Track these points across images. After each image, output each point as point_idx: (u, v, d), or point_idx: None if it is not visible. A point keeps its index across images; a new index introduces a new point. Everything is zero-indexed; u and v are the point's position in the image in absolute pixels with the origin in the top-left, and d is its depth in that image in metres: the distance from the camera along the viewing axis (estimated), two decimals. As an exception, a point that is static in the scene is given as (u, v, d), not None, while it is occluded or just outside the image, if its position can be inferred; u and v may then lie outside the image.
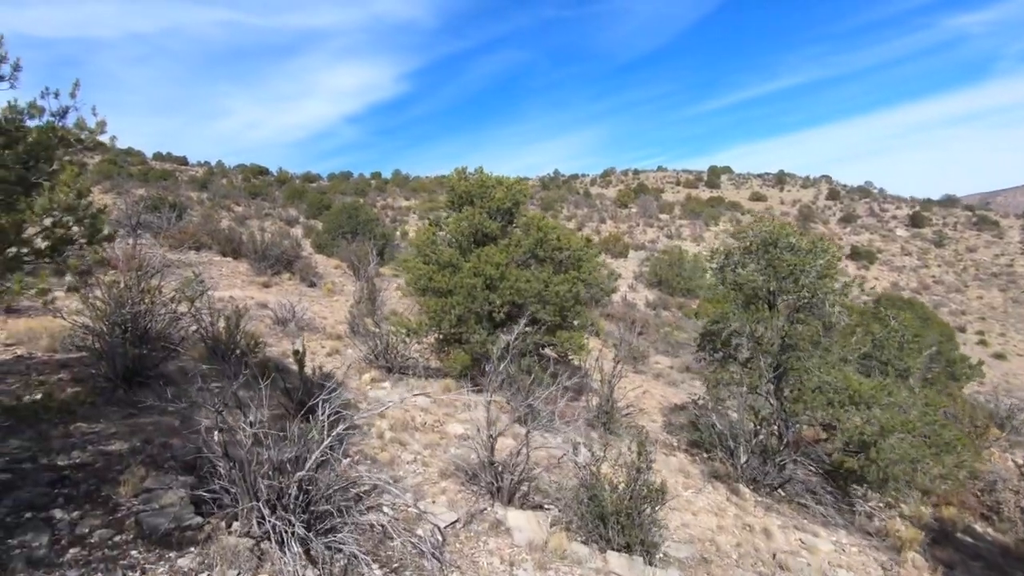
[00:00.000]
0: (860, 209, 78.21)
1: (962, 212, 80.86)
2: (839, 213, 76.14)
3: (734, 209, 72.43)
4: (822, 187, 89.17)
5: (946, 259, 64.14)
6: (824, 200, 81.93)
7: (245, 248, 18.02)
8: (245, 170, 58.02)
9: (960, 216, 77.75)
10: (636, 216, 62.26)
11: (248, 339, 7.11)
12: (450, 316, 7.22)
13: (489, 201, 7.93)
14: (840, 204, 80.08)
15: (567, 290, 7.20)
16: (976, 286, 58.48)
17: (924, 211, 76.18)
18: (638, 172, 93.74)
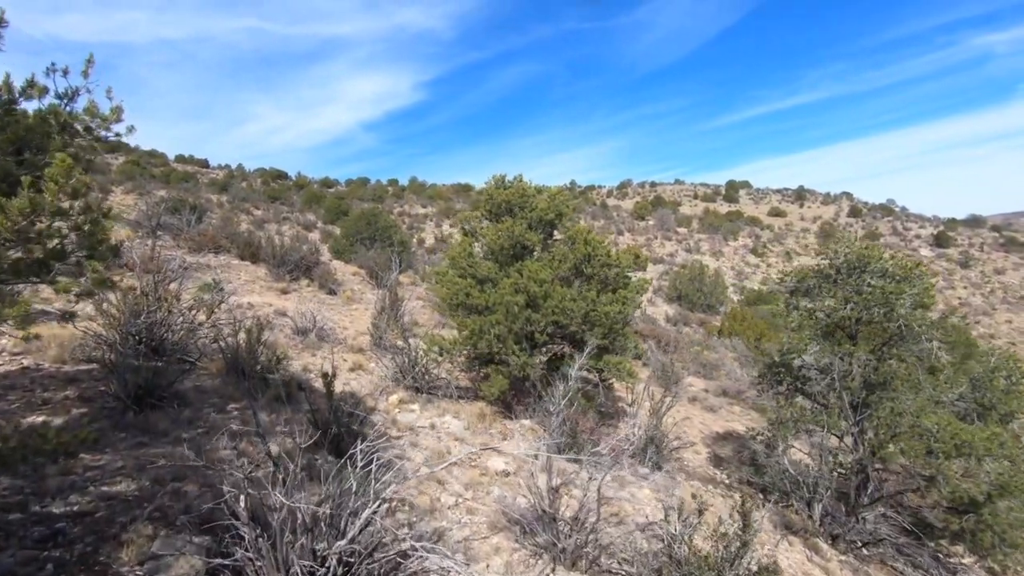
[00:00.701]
0: (883, 227, 76.80)
1: (988, 233, 79.13)
2: (861, 231, 74.82)
3: (753, 224, 71.45)
4: (843, 204, 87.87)
5: (972, 281, 62.54)
6: (845, 217, 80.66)
7: (264, 253, 17.59)
8: (264, 174, 58.14)
9: (986, 237, 76.04)
10: (654, 229, 61.51)
11: (270, 354, 6.54)
12: (488, 336, 6.62)
13: (530, 212, 7.34)
14: (862, 222, 78.78)
15: (617, 311, 6.59)
16: (1004, 309, 56.90)
17: (949, 231, 74.65)
18: (655, 184, 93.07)
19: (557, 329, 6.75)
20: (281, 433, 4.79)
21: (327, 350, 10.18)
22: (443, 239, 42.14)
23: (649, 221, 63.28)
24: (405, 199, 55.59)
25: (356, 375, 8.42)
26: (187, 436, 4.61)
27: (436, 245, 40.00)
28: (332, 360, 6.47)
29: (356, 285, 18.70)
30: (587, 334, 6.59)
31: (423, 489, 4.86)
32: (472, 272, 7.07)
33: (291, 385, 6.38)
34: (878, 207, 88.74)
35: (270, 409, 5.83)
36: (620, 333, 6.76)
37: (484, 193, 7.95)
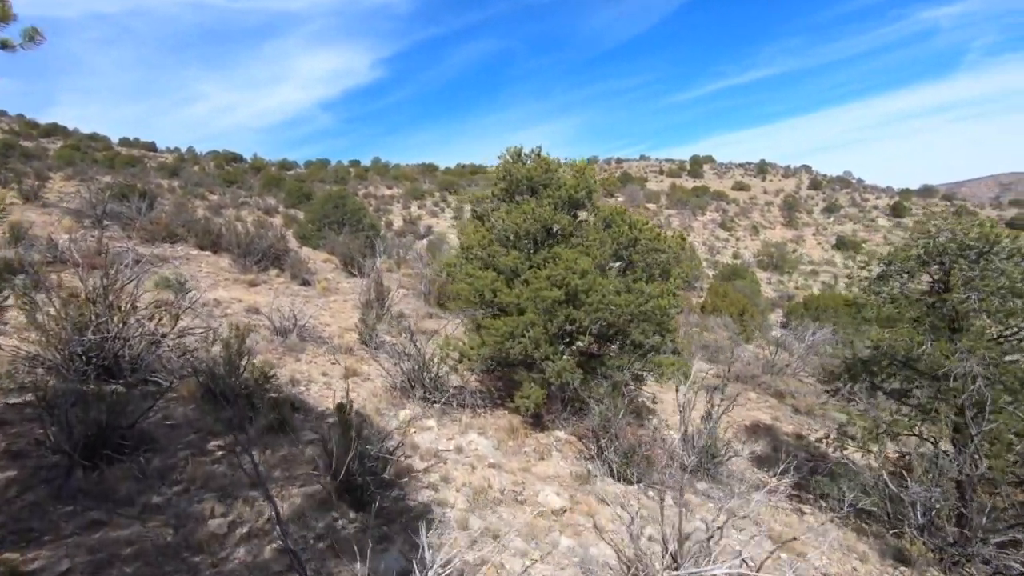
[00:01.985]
0: (842, 199, 78.31)
1: (940, 202, 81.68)
2: (822, 203, 76.18)
3: (719, 199, 71.84)
4: (803, 177, 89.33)
5: (928, 249, 64.08)
6: (806, 190, 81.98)
7: (226, 241, 15.98)
8: (217, 156, 54.87)
9: (939, 206, 78.39)
10: (623, 205, 61.04)
11: (255, 370, 5.33)
12: (524, 340, 5.56)
13: (556, 189, 6.25)
14: (822, 194, 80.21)
15: (669, 304, 5.61)
16: (959, 276, 58.38)
17: (904, 201, 76.70)
18: (621, 161, 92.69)
19: (601, 328, 5.74)
20: (284, 480, 3.66)
21: (311, 352, 8.94)
22: (412, 221, 40.55)
23: (619, 198, 62.76)
24: (369, 180, 53.38)
25: (353, 384, 7.23)
26: (159, 500, 3.42)
27: (405, 227, 38.42)
28: (347, 392, 5.29)
29: (330, 273, 17.27)
30: (636, 332, 5.61)
31: (478, 547, 3.79)
32: (493, 263, 5.96)
33: (283, 407, 5.19)
34: (836, 179, 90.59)
35: (262, 443, 4.66)
36: (669, 329, 5.81)
37: (498, 170, 6.80)
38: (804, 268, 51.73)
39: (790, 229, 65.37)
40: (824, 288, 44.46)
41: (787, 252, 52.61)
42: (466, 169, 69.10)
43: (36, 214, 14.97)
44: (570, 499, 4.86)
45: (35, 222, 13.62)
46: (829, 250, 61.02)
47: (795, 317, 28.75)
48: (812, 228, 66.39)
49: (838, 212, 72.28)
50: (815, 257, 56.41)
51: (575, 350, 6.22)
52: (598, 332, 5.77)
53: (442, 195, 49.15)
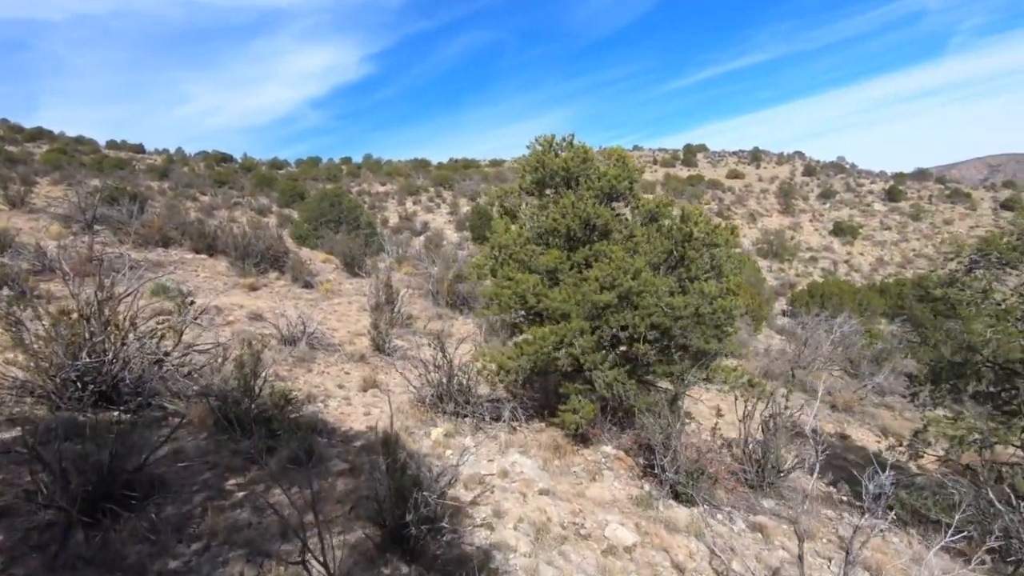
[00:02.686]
0: (837, 185, 78.08)
1: (934, 185, 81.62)
2: (817, 189, 75.97)
3: (714, 187, 71.45)
4: (797, 163, 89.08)
5: (924, 233, 64.21)
6: (801, 176, 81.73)
7: (222, 243, 15.33)
8: (207, 157, 53.80)
9: (933, 189, 78.35)
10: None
11: (274, 392, 4.73)
12: (574, 348, 4.98)
13: (597, 180, 5.67)
14: (817, 180, 79.99)
15: (732, 305, 5.04)
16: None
17: (898, 185, 76.60)
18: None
19: (657, 334, 5.17)
20: (321, 526, 3.09)
21: (323, 361, 8.35)
22: (408, 217, 39.84)
23: (615, 189, 62.09)
24: (362, 177, 52.49)
25: (374, 397, 6.66)
26: (177, 566, 2.84)
27: (401, 224, 37.71)
28: (391, 422, 4.73)
29: (331, 274, 16.63)
30: (695, 337, 5.05)
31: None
32: (531, 264, 5.36)
33: (306, 433, 4.60)
34: (830, 165, 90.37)
35: (286, 478, 4.07)
36: (727, 332, 5.25)
37: (528, 160, 6.20)
38: (803, 255, 51.51)
39: (787, 216, 65.11)
40: (825, 274, 44.17)
41: (785, 239, 52.34)
42: (459, 164, 68.33)
43: (23, 220, 14.24)
44: (636, 528, 4.32)
45: (22, 229, 12.91)
46: (827, 236, 60.83)
47: (800, 305, 28.32)
48: (809, 215, 66.18)
49: (834, 198, 72.08)
50: (813, 243, 56.19)
51: (619, 357, 5.65)
52: (653, 338, 5.20)
53: (436, 191, 48.41)
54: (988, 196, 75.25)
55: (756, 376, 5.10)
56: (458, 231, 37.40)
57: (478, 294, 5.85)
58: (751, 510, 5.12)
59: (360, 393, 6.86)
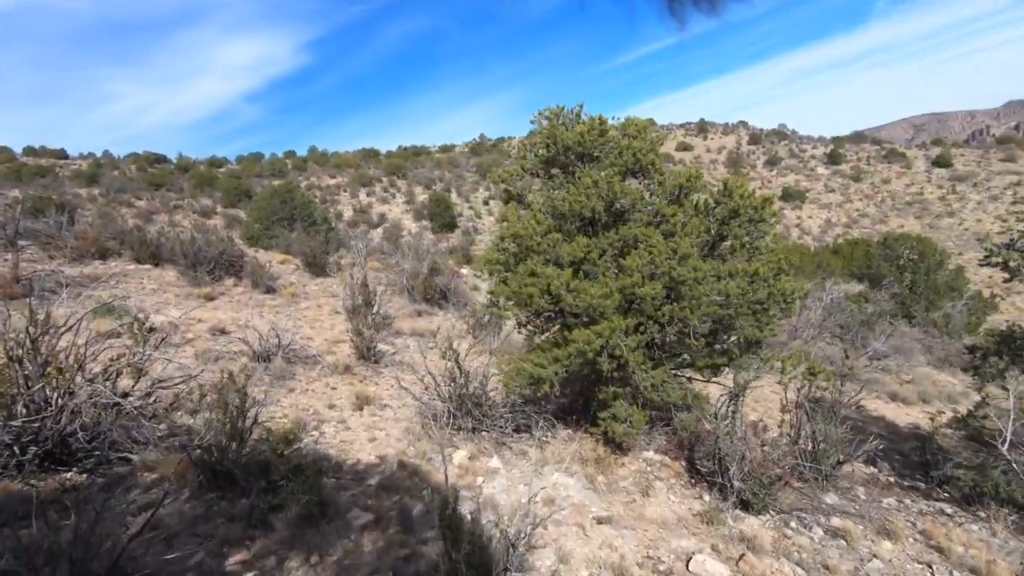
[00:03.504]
0: (781, 151, 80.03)
1: (871, 147, 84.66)
2: (763, 157, 77.68)
3: (667, 160, 72.10)
4: (742, 133, 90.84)
5: (865, 193, 66.56)
6: (747, 145, 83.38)
7: (167, 251, 13.98)
8: (139, 159, 50.34)
9: (870, 151, 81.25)
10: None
11: (274, 435, 3.88)
12: (620, 351, 4.28)
13: (619, 156, 4.95)
14: (762, 148, 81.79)
15: (791, 288, 4.44)
16: (895, 215, 60.94)
17: (839, 148, 79.11)
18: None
19: (710, 326, 4.55)
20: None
21: (303, 377, 7.45)
22: (363, 209, 38.34)
23: (569, 168, 61.72)
24: (309, 171, 50.28)
25: (373, 417, 5.85)
26: None
27: (357, 217, 36.26)
28: (447, 481, 3.94)
29: (292, 276, 15.46)
30: (747, 325, 4.45)
31: None
32: (554, 256, 4.60)
33: (312, 477, 3.79)
34: (773, 132, 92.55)
35: (301, 544, 3.27)
36: (772, 319, 4.67)
37: (537, 136, 5.43)
38: (758, 222, 52.24)
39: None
40: (778, 240, 45.08)
41: (741, 208, 52.99)
42: (409, 151, 66.55)
43: (-70, 241, 12.54)
44: (718, 554, 3.72)
45: (-73, 252, 11.33)
46: (776, 202, 62.26)
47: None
48: (758, 182, 67.60)
49: (779, 164, 73.88)
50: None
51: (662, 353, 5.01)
52: (704, 332, 4.59)
53: (390, 180, 46.84)
54: (921, 155, 78.46)
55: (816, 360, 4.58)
56: (416, 221, 36.22)
57: (497, 293, 5.05)
58: (818, 510, 4.62)
59: (356, 413, 6.04)
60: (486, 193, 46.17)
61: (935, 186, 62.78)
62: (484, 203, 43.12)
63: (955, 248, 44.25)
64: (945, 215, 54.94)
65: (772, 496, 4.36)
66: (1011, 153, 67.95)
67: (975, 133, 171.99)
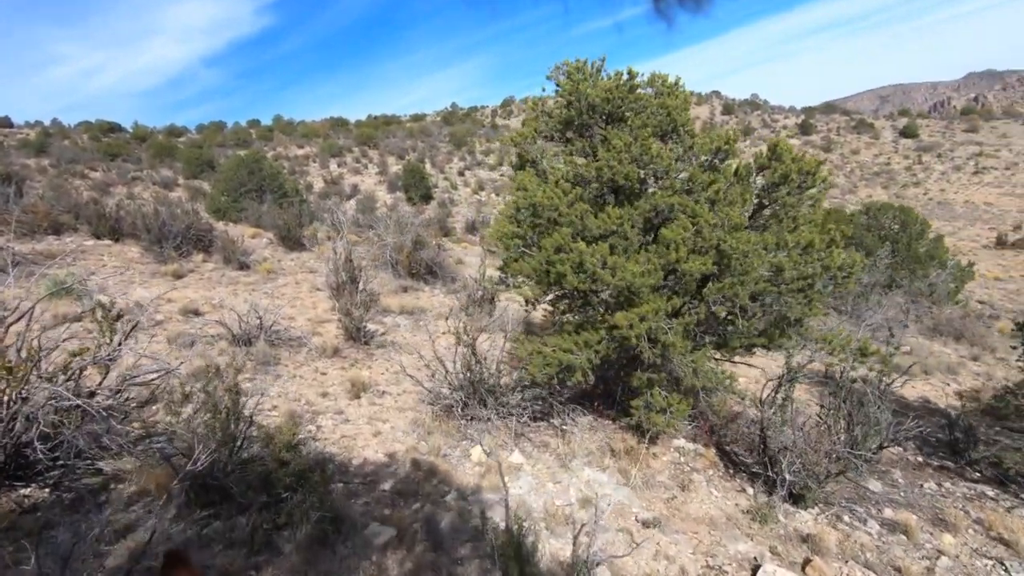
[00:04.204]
0: (754, 121, 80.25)
1: (841, 117, 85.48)
2: (737, 127, 77.68)
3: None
4: (715, 103, 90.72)
5: (835, 163, 67.27)
6: (720, 115, 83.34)
7: (129, 225, 13.01)
8: (91, 128, 47.48)
9: (840, 121, 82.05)
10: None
11: (277, 442, 3.33)
12: (667, 335, 3.79)
13: (652, 115, 4.39)
14: (735, 118, 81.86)
15: (845, 261, 3.99)
16: (864, 185, 61.83)
17: (809, 119, 79.67)
18: (539, 99, 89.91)
19: (759, 304, 4.09)
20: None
21: (289, 362, 6.86)
22: (334, 181, 36.98)
23: (544, 138, 60.66)
24: (275, 140, 48.23)
25: (373, 407, 5.31)
26: None
27: (328, 188, 34.96)
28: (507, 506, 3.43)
29: (266, 251, 14.60)
30: (796, 303, 4.02)
31: None
32: (584, 227, 4.04)
33: (321, 488, 3.26)
34: (746, 102, 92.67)
35: (316, 572, 2.76)
36: (819, 296, 4.22)
37: (561, 94, 4.82)
38: (733, 193, 52.50)
39: (712, 155, 66.20)
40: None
41: (716, 178, 53.10)
42: (379, 120, 64.54)
43: None
44: (780, 559, 3.35)
45: None
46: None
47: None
48: (733, 152, 67.46)
49: (752, 135, 74.02)
50: (741, 181, 57.37)
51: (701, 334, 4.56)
52: (754, 311, 4.14)
53: (362, 150, 45.29)
54: (888, 125, 79.57)
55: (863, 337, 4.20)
56: (391, 192, 35.10)
57: (512, 270, 4.50)
58: (866, 500, 4.31)
59: (353, 402, 5.50)
60: (461, 164, 45.07)
61: (902, 156, 63.84)
62: (459, 174, 42.08)
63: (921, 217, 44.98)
64: (911, 184, 55.89)
65: (824, 488, 4.02)
66: (973, 124, 69.35)
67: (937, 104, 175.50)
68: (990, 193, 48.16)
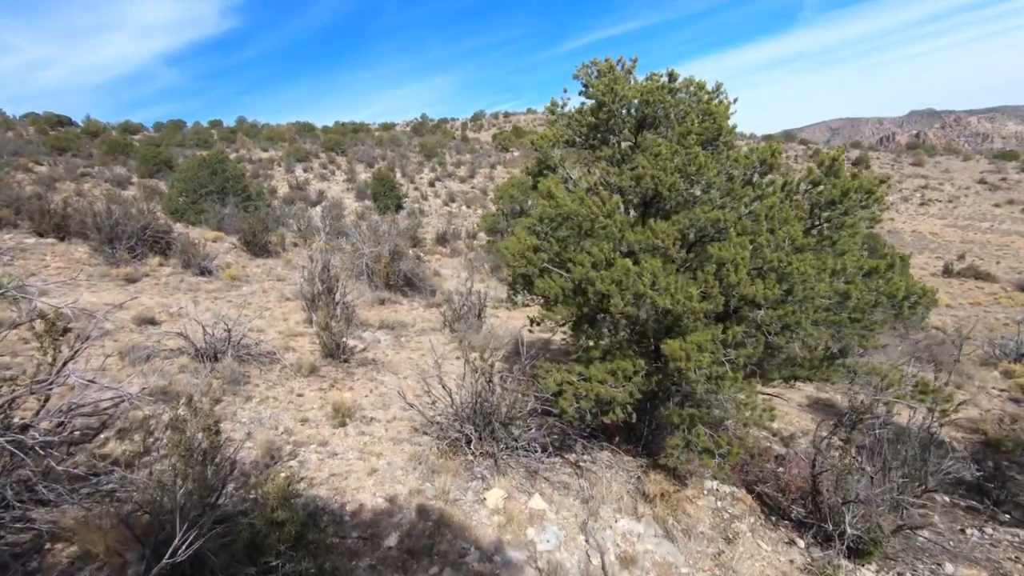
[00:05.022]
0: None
1: (799, 146, 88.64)
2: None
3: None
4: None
5: (795, 190, 69.17)
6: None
7: (77, 223, 11.95)
8: (38, 120, 44.88)
9: (798, 150, 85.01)
10: (522, 159, 59.24)
11: (269, 495, 2.67)
12: (722, 367, 3.29)
13: (698, 121, 3.92)
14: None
15: (913, 286, 3.60)
16: (822, 213, 63.53)
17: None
18: (508, 115, 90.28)
19: (818, 335, 3.66)
20: None
21: (260, 381, 6.11)
22: (299, 186, 35.79)
23: (515, 152, 60.75)
24: (238, 142, 46.56)
25: (363, 436, 4.66)
26: None
27: (293, 193, 33.77)
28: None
29: (229, 256, 13.64)
30: (851, 332, 3.60)
31: None
32: (624, 241, 3.53)
33: (323, 555, 2.63)
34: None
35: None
36: (877, 326, 3.82)
37: (591, 94, 4.31)
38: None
39: (677, 177, 67.44)
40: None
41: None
42: (347, 127, 63.39)
43: None
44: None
45: None
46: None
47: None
48: (697, 175, 68.90)
49: (716, 159, 75.69)
50: (706, 203, 58.46)
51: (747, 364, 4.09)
52: (814, 343, 3.70)
53: (329, 156, 44.14)
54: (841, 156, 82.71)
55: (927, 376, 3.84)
56: (359, 200, 34.15)
57: (540, 289, 3.94)
58: (922, 551, 3.92)
59: (338, 430, 4.83)
60: (431, 175, 44.43)
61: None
62: (430, 184, 41.40)
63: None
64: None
65: (891, 543, 3.60)
66: (919, 158, 72.82)
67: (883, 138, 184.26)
68: (935, 224, 50.32)
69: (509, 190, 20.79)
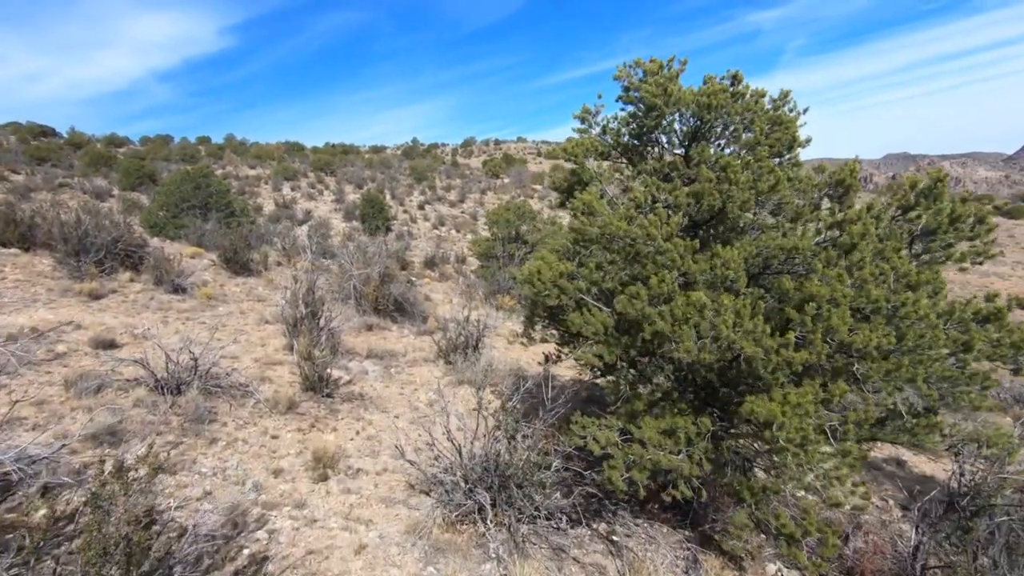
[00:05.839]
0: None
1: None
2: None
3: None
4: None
5: (782, 226, 69.80)
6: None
7: (43, 233, 11.07)
8: (20, 129, 43.73)
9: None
10: (511, 187, 59.05)
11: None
12: (808, 430, 2.59)
13: (770, 131, 3.30)
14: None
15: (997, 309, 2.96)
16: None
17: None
18: (499, 142, 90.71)
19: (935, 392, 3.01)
20: None
21: (229, 419, 5.27)
22: (286, 204, 34.96)
23: (505, 179, 60.63)
24: (226, 159, 45.71)
25: (348, 494, 3.85)
26: None
27: (279, 211, 32.91)
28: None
29: (207, 274, 12.75)
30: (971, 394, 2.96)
31: None
32: (683, 271, 2.87)
33: None
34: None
35: None
36: (990, 381, 3.18)
37: (638, 98, 3.66)
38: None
39: (667, 209, 67.65)
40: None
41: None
42: (337, 149, 62.96)
43: None
44: None
45: None
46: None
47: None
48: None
49: (705, 193, 76.34)
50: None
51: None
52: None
53: (318, 176, 43.45)
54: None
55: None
56: (347, 220, 33.37)
57: (575, 324, 3.22)
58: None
59: (319, 486, 4.02)
60: (421, 198, 43.89)
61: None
62: (419, 207, 40.81)
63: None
64: (854, 252, 58.31)
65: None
66: (906, 199, 73.96)
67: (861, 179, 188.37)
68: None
69: (504, 214, 20.18)
